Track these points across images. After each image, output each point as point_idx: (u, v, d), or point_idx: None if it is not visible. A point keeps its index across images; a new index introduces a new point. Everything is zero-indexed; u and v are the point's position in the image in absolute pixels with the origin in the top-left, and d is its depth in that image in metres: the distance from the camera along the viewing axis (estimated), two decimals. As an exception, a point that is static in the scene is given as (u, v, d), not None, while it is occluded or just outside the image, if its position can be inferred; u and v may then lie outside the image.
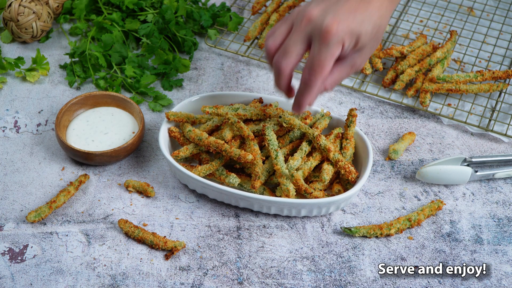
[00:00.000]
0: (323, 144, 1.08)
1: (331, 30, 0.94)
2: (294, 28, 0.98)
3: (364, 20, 0.96)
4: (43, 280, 1.00)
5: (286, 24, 1.00)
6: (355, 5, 0.97)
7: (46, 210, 1.06)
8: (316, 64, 0.96)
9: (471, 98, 1.27)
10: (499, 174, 1.14)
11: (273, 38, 0.99)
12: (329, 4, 0.97)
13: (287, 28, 0.99)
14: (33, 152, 1.17)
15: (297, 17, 0.98)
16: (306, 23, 0.96)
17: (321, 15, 0.95)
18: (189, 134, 1.11)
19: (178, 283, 1.01)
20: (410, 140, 1.19)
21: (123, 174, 1.14)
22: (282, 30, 0.99)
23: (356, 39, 0.97)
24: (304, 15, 0.96)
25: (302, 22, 0.96)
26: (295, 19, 0.98)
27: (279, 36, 0.99)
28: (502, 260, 1.04)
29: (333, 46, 0.95)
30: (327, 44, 0.94)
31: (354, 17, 0.95)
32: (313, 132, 1.08)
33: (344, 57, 0.99)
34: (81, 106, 1.20)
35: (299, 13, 0.98)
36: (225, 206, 1.10)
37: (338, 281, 1.01)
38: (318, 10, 0.96)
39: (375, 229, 1.06)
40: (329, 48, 0.95)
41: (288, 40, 0.98)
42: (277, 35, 0.99)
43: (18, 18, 1.30)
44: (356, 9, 0.96)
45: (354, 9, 0.96)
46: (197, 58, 1.35)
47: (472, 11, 1.45)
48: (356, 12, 0.96)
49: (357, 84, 1.29)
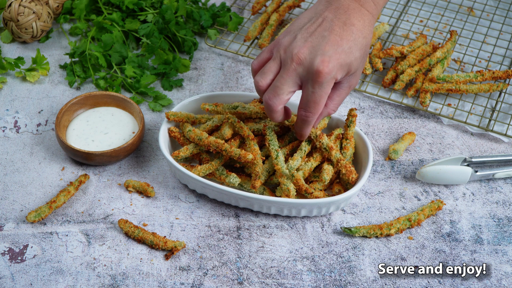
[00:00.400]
0: (325, 143, 1.08)
1: (322, 71, 0.95)
2: (284, 68, 0.99)
3: (351, 47, 0.98)
4: (43, 280, 1.00)
5: (275, 62, 1.00)
6: (339, 33, 0.98)
7: (46, 210, 1.06)
8: (311, 103, 0.99)
9: (471, 98, 1.27)
10: (499, 174, 1.14)
11: (263, 77, 1.00)
12: (316, 40, 0.98)
13: (276, 66, 1.00)
14: (33, 152, 1.17)
15: (285, 56, 0.99)
16: (296, 65, 0.97)
17: (310, 57, 0.97)
18: (189, 134, 1.11)
19: (178, 283, 1.01)
20: (410, 140, 1.19)
21: (123, 174, 1.14)
22: (271, 69, 1.00)
23: (348, 69, 0.99)
24: (293, 57, 0.97)
25: (292, 63, 0.97)
26: (283, 58, 0.99)
27: (269, 75, 1.00)
28: (502, 260, 1.04)
29: (326, 85, 0.97)
30: (320, 84, 0.97)
31: (342, 49, 0.97)
32: (315, 131, 1.08)
33: (340, 83, 1.02)
34: (81, 106, 1.20)
35: (286, 52, 0.99)
36: (225, 206, 1.10)
37: (338, 281, 1.01)
38: (306, 50, 0.97)
39: (375, 229, 1.06)
40: (322, 87, 0.97)
41: (278, 80, 0.99)
42: (267, 73, 1.00)
43: (18, 18, 1.30)
44: (341, 38, 0.98)
45: (339, 38, 0.97)
46: (197, 58, 1.35)
47: (472, 11, 1.45)
48: (342, 42, 0.97)
49: (357, 84, 1.29)
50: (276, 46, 1.01)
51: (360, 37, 0.99)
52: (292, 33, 1.00)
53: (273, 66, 1.00)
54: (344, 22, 0.99)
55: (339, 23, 0.98)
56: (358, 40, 0.99)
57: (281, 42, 1.00)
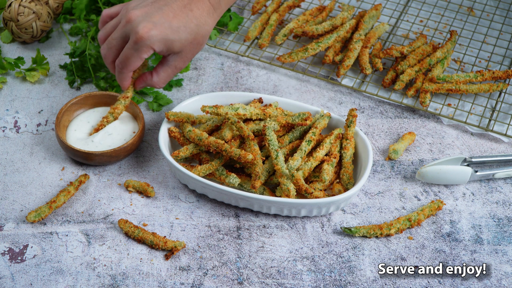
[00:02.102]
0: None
1: (141, 34, 1.04)
2: (119, 25, 1.09)
3: (180, 28, 1.06)
4: (43, 280, 1.00)
5: (117, 19, 1.11)
6: (175, 11, 1.06)
7: (46, 210, 1.06)
8: (124, 60, 1.08)
9: (471, 98, 1.27)
10: (499, 174, 1.14)
11: (104, 30, 1.12)
12: (152, 9, 1.07)
13: (116, 22, 1.11)
14: (33, 152, 1.17)
15: (122, 14, 1.10)
16: (126, 23, 1.07)
17: (139, 19, 1.06)
18: (189, 134, 1.11)
19: (178, 283, 1.01)
20: (410, 140, 1.19)
21: (123, 174, 1.14)
22: (112, 23, 1.11)
23: (169, 46, 1.07)
24: (127, 15, 1.07)
25: (123, 21, 1.07)
26: (121, 15, 1.10)
27: (109, 29, 1.11)
28: (502, 260, 1.04)
29: (141, 50, 1.06)
30: (135, 44, 1.05)
31: (170, 25, 1.05)
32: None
33: (166, 60, 1.11)
34: (81, 106, 1.20)
35: (125, 10, 1.09)
36: (225, 206, 1.10)
37: (338, 281, 1.01)
38: (139, 12, 1.06)
39: (375, 229, 1.06)
40: (137, 50, 1.06)
41: (111, 34, 1.10)
42: (108, 27, 1.12)
43: (18, 18, 1.30)
44: (175, 16, 1.06)
45: (173, 16, 1.06)
46: (197, 58, 1.35)
47: (472, 11, 1.46)
48: (174, 19, 1.06)
49: (357, 84, 1.29)
50: (125, 5, 1.12)
51: (193, 23, 1.08)
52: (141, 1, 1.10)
53: (113, 22, 1.11)
54: (185, 5, 1.08)
55: (179, 4, 1.07)
56: (190, 25, 1.07)
57: (129, 4, 1.11)
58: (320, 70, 1.31)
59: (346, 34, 1.32)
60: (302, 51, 1.29)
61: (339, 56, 1.30)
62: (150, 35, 1.04)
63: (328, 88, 1.30)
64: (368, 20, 1.34)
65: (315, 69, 1.32)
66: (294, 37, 1.36)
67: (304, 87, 1.30)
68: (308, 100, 1.27)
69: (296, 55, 1.29)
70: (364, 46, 1.30)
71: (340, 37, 1.31)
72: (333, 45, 1.31)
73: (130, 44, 1.06)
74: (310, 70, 1.32)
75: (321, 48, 1.29)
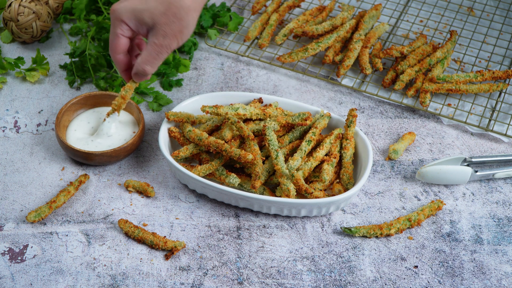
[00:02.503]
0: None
1: (112, 9, 1.04)
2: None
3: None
4: (43, 280, 1.00)
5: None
6: None
7: (46, 210, 1.06)
8: (109, 43, 1.08)
9: (471, 98, 1.27)
10: (499, 174, 1.14)
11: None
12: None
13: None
14: (33, 152, 1.17)
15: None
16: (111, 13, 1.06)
17: (116, 3, 1.05)
18: (189, 134, 1.11)
19: (178, 283, 1.01)
20: (410, 140, 1.19)
21: (123, 174, 1.14)
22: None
23: (138, 16, 1.02)
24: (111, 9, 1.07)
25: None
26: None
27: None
28: (502, 260, 1.04)
29: (113, 24, 1.04)
30: (112, 23, 1.05)
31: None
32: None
33: (148, 39, 1.06)
34: (81, 106, 1.20)
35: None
36: (225, 206, 1.10)
37: (338, 281, 1.01)
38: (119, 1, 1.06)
39: (375, 229, 1.06)
40: (113, 27, 1.05)
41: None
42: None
43: (18, 18, 1.30)
44: None
45: None
46: (197, 58, 1.35)
47: (472, 11, 1.46)
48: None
49: (357, 84, 1.29)
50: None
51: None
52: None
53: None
54: None
55: None
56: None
57: None
58: (320, 70, 1.31)
59: (346, 34, 1.32)
60: (302, 51, 1.29)
61: (339, 56, 1.30)
62: (118, 7, 1.03)
63: (328, 88, 1.30)
64: (368, 20, 1.34)
65: (315, 69, 1.32)
66: (294, 37, 1.36)
67: (304, 87, 1.30)
68: (308, 100, 1.27)
69: (296, 55, 1.29)
70: (364, 46, 1.30)
71: (340, 37, 1.31)
72: (333, 45, 1.31)
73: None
74: (310, 70, 1.32)
75: (321, 48, 1.29)
